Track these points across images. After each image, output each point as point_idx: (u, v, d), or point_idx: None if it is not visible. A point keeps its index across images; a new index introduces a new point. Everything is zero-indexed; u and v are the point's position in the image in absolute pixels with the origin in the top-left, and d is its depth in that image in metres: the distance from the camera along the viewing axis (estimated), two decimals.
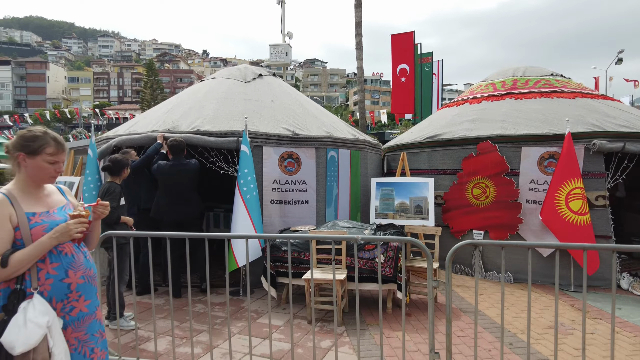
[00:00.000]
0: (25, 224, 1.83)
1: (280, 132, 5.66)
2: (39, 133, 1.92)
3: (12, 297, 1.79)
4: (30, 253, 1.79)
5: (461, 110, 7.12)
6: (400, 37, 13.58)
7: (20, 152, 1.89)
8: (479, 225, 6.10)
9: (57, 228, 1.85)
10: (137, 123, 6.16)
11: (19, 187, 1.91)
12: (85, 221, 1.92)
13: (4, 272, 1.75)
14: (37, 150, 1.89)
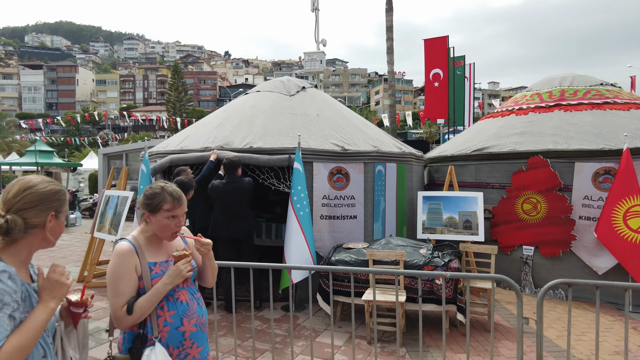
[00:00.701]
0: (148, 274, 1.91)
1: (330, 147, 5.70)
2: (157, 190, 1.97)
3: (136, 342, 1.88)
4: (149, 299, 1.87)
5: (507, 121, 7.02)
6: (434, 41, 13.45)
7: (145, 210, 1.97)
8: (529, 241, 6.01)
9: (168, 273, 1.92)
10: (188, 137, 6.29)
11: (145, 236, 1.99)
12: (190, 258, 1.98)
13: (130, 319, 1.84)
14: (156, 207, 1.94)
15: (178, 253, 1.93)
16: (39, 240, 1.48)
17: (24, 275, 1.44)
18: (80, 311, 1.59)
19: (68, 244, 10.17)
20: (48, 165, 12.87)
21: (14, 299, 1.31)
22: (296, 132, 5.88)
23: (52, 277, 1.46)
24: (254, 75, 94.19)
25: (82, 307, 1.59)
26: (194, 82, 77.89)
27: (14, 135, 38.60)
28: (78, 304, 1.57)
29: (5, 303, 1.28)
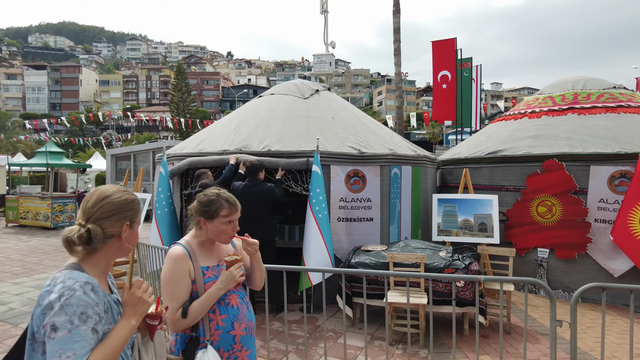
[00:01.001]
0: (201, 278, 1.96)
1: (347, 150, 5.74)
2: (212, 197, 2.03)
3: (189, 344, 1.93)
4: (203, 303, 1.92)
5: (520, 124, 7.06)
6: (442, 43, 13.49)
7: (201, 217, 2.02)
8: (544, 244, 6.05)
9: (222, 278, 1.96)
10: (205, 140, 6.35)
11: (198, 240, 2.04)
12: (242, 263, 2.03)
13: (184, 322, 1.89)
14: (213, 214, 1.99)
15: (230, 258, 1.98)
16: (115, 250, 1.49)
17: (104, 286, 1.46)
18: (156, 323, 1.61)
19: None
20: (58, 166, 12.93)
21: (96, 312, 1.31)
22: (312, 135, 5.94)
23: (135, 293, 1.47)
24: (256, 76, 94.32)
25: (158, 319, 1.61)
26: (197, 82, 78.01)
27: (18, 135, 38.78)
28: (154, 316, 1.58)
29: (88, 316, 1.28)
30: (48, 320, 1.24)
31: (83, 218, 1.43)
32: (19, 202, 13.04)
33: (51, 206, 12.42)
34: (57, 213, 12.56)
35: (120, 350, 1.37)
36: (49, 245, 10.15)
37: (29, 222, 12.87)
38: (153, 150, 15.46)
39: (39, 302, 1.30)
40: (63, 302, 1.25)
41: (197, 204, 2.04)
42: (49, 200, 12.46)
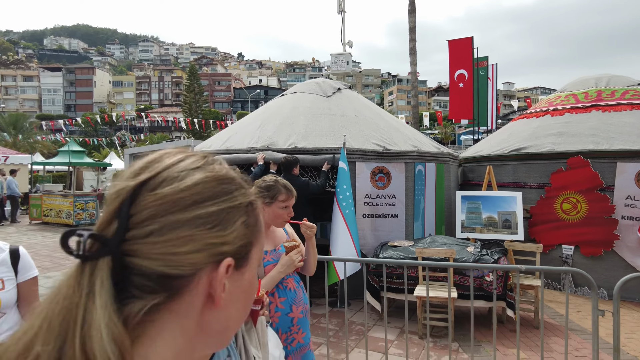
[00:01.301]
0: (261, 261, 2.04)
1: (372, 147, 5.81)
2: (271, 183, 2.14)
3: None
4: (264, 286, 2.01)
5: (542, 122, 7.05)
6: (458, 42, 13.46)
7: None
8: (568, 241, 6.05)
9: (282, 262, 2.06)
10: (230, 138, 6.46)
11: None
12: (301, 249, 2.12)
13: None
14: (272, 198, 2.10)
15: (289, 244, 2.06)
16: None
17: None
18: (258, 308, 1.66)
19: None
20: (80, 164, 13.19)
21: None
22: (337, 133, 6.02)
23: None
24: (267, 77, 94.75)
25: (259, 304, 1.66)
26: (209, 83, 78.61)
27: (35, 136, 39.50)
28: (256, 301, 1.62)
29: None
30: None
31: None
32: (42, 200, 13.34)
33: (73, 204, 12.68)
34: (78, 211, 12.81)
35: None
36: (72, 241, 10.37)
37: (52, 219, 13.15)
38: None
39: None
40: None
41: (255, 189, 2.14)
42: (71, 198, 12.72)
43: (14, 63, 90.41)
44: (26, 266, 2.00)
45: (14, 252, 1.99)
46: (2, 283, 1.89)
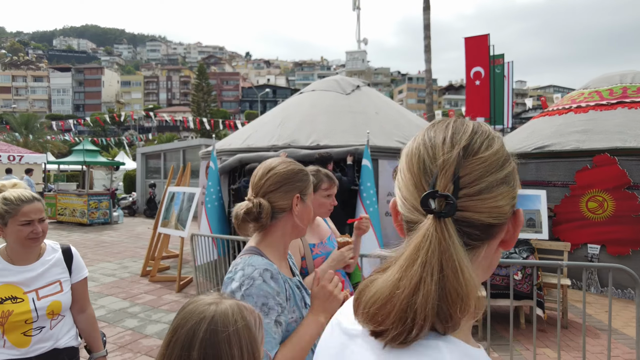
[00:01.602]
0: (309, 254, 2.00)
1: (394, 145, 5.75)
2: (313, 172, 2.09)
3: None
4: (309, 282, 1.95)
5: (565, 119, 6.94)
6: (474, 40, 13.32)
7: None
8: (594, 240, 5.94)
9: (333, 256, 2.00)
10: (251, 136, 6.44)
11: None
12: (352, 245, 2.07)
13: None
14: (315, 187, 2.05)
15: (343, 239, 2.02)
16: (291, 228, 1.38)
17: (285, 270, 1.37)
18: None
19: (117, 240, 10.48)
20: (94, 164, 13.26)
21: (278, 302, 1.21)
22: (359, 130, 5.97)
23: (327, 287, 1.33)
24: (275, 76, 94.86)
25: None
26: (217, 83, 78.83)
27: (46, 136, 39.86)
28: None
29: (270, 307, 1.18)
30: None
31: (252, 193, 1.36)
32: (56, 199, 13.43)
33: (87, 203, 12.74)
34: (92, 210, 12.88)
35: (308, 350, 1.25)
36: (89, 240, 10.42)
37: (66, 218, 13.23)
38: (183, 149, 15.72)
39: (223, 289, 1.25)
40: (244, 292, 1.19)
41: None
42: (85, 197, 12.78)
43: (24, 64, 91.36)
44: (79, 266, 1.92)
45: (67, 251, 1.90)
46: (60, 285, 1.80)
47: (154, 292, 5.97)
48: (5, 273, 1.69)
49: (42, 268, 1.77)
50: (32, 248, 1.74)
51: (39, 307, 1.71)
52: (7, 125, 41.66)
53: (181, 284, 6.07)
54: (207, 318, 0.86)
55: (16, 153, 15.02)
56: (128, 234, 11.53)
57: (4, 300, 1.65)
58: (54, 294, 1.78)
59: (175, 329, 0.87)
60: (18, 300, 1.67)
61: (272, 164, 1.40)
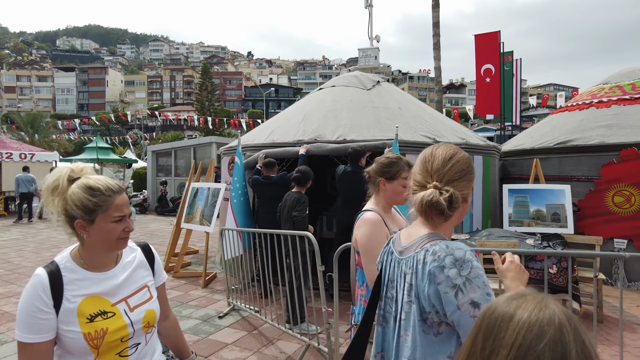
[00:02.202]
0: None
1: (421, 139, 5.74)
2: (394, 159, 2.10)
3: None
4: None
5: (587, 114, 6.92)
6: (485, 37, 13.31)
7: (381, 177, 2.07)
8: (621, 234, 5.93)
9: None
10: (274, 132, 6.43)
11: (380, 207, 2.08)
12: None
13: None
14: (394, 175, 2.07)
15: None
16: (457, 219, 1.32)
17: None
18: None
19: (133, 237, 10.42)
20: (107, 161, 13.28)
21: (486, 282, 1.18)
22: (383, 125, 5.96)
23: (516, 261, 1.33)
24: (278, 75, 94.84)
25: None
26: (220, 82, 78.84)
27: (52, 135, 39.97)
28: None
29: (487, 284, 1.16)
30: (463, 299, 1.12)
31: (433, 180, 1.29)
32: None
33: None
34: None
35: None
36: None
37: None
38: (194, 147, 15.74)
39: (430, 279, 1.18)
40: (467, 276, 1.14)
41: (377, 166, 2.12)
42: None
43: (28, 63, 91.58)
44: (160, 266, 1.63)
45: (147, 250, 1.60)
46: (148, 290, 1.50)
47: (179, 287, 5.98)
48: (86, 283, 1.35)
49: (125, 272, 1.45)
50: (118, 250, 1.44)
51: (135, 320, 1.41)
52: (14, 125, 41.81)
53: (206, 279, 6.07)
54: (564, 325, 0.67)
55: (27, 151, 15.03)
56: (142, 230, 11.55)
57: (93, 317, 1.32)
58: (146, 302, 1.47)
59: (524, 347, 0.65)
60: (109, 315, 1.35)
61: (449, 149, 1.33)
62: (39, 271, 1.31)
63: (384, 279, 1.40)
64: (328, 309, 3.41)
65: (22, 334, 1.25)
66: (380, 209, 2.08)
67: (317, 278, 3.56)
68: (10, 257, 7.97)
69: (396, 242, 1.41)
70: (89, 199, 1.32)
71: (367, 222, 1.98)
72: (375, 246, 1.92)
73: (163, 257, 7.87)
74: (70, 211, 1.32)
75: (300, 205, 4.15)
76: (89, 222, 1.32)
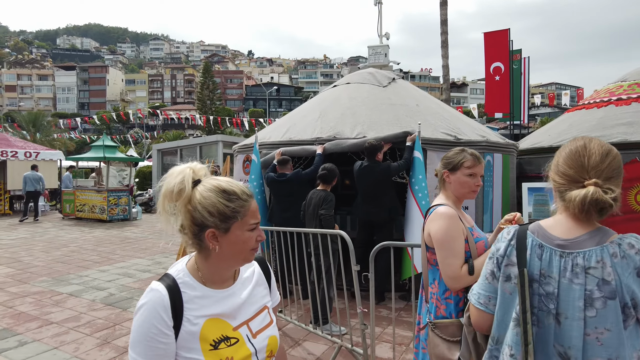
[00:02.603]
0: (470, 237, 1.90)
1: (442, 137, 5.65)
2: (457, 150, 2.04)
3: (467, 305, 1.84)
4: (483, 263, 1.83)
5: (607, 112, 6.82)
6: (494, 34, 13.21)
7: (444, 169, 2.01)
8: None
9: None
10: (290, 130, 6.33)
11: (451, 202, 2.00)
12: None
13: (469, 279, 1.80)
14: (457, 165, 1.99)
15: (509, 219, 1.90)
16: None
17: None
18: None
19: (142, 236, 10.41)
20: (113, 159, 13.20)
21: None
22: (403, 122, 5.87)
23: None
24: (279, 74, 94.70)
25: None
26: (221, 81, 78.75)
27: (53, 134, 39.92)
28: None
29: None
30: None
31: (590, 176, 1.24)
32: (75, 196, 13.37)
33: (107, 199, 12.68)
34: (112, 206, 12.82)
35: None
36: (113, 236, 10.36)
37: (85, 214, 13.18)
38: (200, 145, 15.65)
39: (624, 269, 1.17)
40: None
41: (442, 159, 2.08)
42: (105, 193, 12.73)
43: (29, 62, 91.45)
44: (275, 285, 1.42)
45: (265, 265, 1.40)
46: (268, 313, 1.29)
47: None
48: (207, 302, 1.14)
49: (244, 290, 1.24)
50: (248, 263, 1.22)
51: (259, 349, 1.20)
52: (15, 124, 41.74)
53: None
54: None
55: (32, 150, 14.96)
56: (150, 230, 11.46)
57: (217, 342, 1.12)
58: (267, 327, 1.26)
59: None
60: (232, 341, 1.14)
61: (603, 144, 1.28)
62: (156, 285, 1.10)
63: (532, 275, 1.27)
64: (364, 309, 3.33)
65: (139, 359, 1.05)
66: (452, 203, 1.99)
67: (341, 277, 3.47)
68: (21, 256, 7.88)
69: (541, 235, 1.31)
70: (225, 204, 1.12)
71: (441, 215, 1.89)
72: (453, 240, 1.83)
73: (174, 257, 7.80)
74: (200, 219, 1.11)
75: (327, 204, 4.07)
76: (223, 231, 1.12)
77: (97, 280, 6.29)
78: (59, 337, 4.14)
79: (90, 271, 6.82)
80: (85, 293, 5.61)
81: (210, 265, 1.16)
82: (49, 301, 5.28)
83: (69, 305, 5.13)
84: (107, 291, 5.72)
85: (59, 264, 7.34)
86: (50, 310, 4.92)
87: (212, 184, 1.16)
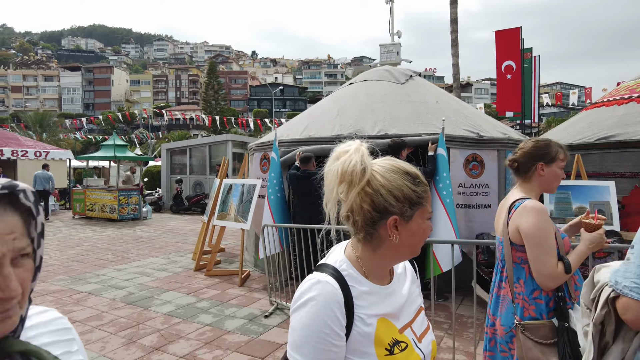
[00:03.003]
0: (558, 234, 1.84)
1: (464, 134, 5.59)
2: (547, 141, 1.94)
3: (560, 304, 1.77)
4: (577, 260, 1.78)
5: (628, 109, 6.73)
6: (505, 33, 13.12)
7: (540, 161, 1.91)
8: None
9: (591, 239, 1.81)
10: (308, 127, 6.28)
11: (533, 196, 1.92)
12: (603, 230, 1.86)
13: (564, 277, 1.74)
14: (553, 157, 1.90)
15: (589, 220, 1.83)
16: None
17: None
18: None
19: (154, 235, 10.38)
20: (124, 158, 13.20)
21: None
22: (423, 119, 5.82)
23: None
24: (283, 74, 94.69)
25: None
26: (225, 81, 78.77)
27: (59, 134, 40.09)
28: None
29: None
30: None
31: None
32: (85, 195, 13.37)
33: (117, 198, 12.67)
34: (122, 205, 12.81)
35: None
36: (126, 235, 10.34)
37: (96, 214, 13.17)
38: (209, 145, 15.63)
39: None
40: None
41: (531, 149, 1.93)
42: (116, 192, 12.71)
43: (34, 63, 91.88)
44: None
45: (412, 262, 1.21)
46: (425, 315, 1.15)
47: (215, 286, 5.85)
48: (374, 299, 0.99)
49: (402, 288, 1.09)
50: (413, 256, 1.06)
51: (426, 354, 1.06)
52: (22, 124, 41.93)
53: (242, 278, 5.94)
54: None
55: (42, 149, 15.00)
56: (162, 229, 11.44)
57: (391, 347, 0.96)
58: (428, 330, 1.11)
59: None
60: (402, 346, 0.99)
61: None
62: (325, 277, 0.95)
63: None
64: None
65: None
66: (534, 197, 1.91)
67: None
68: None
69: None
70: (412, 188, 0.97)
71: (532, 210, 1.77)
72: (547, 236, 1.74)
73: (189, 256, 7.76)
74: (382, 204, 0.95)
75: None
76: (407, 218, 0.97)
77: (114, 279, 6.25)
78: (83, 336, 4.10)
79: (107, 270, 6.79)
80: (104, 292, 5.58)
81: (378, 257, 1.00)
82: (70, 300, 5.24)
83: (90, 304, 5.10)
84: (126, 290, 5.68)
85: (74, 262, 7.32)
86: (72, 309, 4.88)
87: (390, 164, 1.00)
